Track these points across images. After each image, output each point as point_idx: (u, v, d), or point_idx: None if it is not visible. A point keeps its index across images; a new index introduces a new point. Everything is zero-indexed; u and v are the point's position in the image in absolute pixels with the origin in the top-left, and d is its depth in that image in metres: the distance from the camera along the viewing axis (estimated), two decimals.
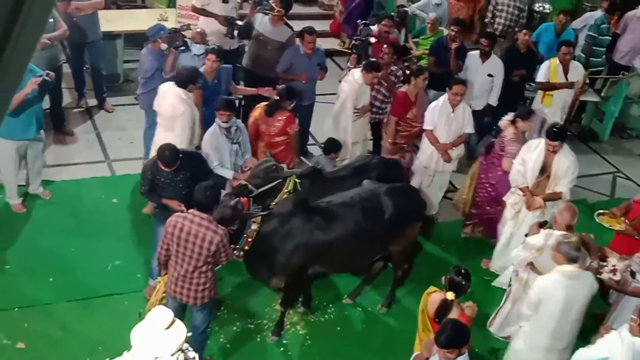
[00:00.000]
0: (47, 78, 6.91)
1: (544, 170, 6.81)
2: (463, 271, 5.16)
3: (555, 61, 8.82)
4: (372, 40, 8.64)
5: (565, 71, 8.82)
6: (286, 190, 6.49)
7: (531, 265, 6.04)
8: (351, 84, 7.86)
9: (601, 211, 6.88)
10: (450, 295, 5.03)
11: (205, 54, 7.57)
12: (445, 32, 9.34)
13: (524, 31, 9.25)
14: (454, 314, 5.00)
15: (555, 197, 6.77)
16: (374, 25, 9.19)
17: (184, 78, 6.93)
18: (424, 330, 5.25)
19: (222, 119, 6.72)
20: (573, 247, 5.31)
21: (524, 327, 5.62)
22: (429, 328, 5.17)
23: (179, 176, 6.13)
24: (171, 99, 6.90)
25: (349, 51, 8.91)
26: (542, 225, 6.11)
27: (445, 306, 5.03)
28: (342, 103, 7.90)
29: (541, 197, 6.80)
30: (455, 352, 4.53)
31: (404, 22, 10.32)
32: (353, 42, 8.71)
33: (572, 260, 5.31)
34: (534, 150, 6.82)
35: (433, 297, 5.18)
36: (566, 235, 5.51)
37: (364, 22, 9.02)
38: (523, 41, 9.15)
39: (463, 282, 5.10)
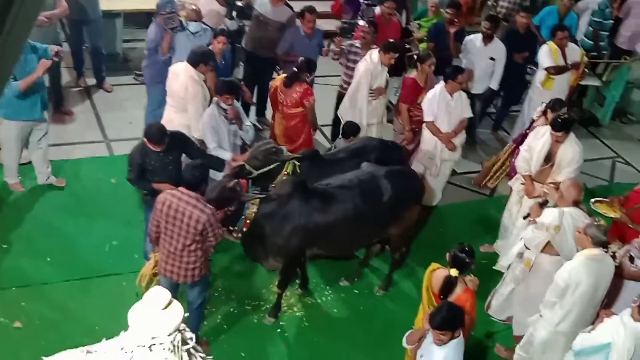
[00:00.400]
0: (55, 58, 6.89)
1: (549, 158, 6.78)
2: (467, 248, 5.16)
3: (554, 45, 8.77)
4: (360, 22, 8.50)
5: (564, 55, 8.78)
6: (285, 173, 6.48)
7: (546, 247, 5.95)
8: (367, 64, 7.78)
9: (598, 199, 6.87)
10: (454, 272, 5.05)
11: (214, 35, 7.52)
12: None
13: (521, 14, 9.19)
14: (458, 290, 5.04)
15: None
16: (376, 6, 9.11)
17: (196, 57, 6.88)
18: (429, 306, 5.25)
19: (228, 102, 6.70)
20: (602, 231, 5.29)
21: (545, 315, 5.53)
22: (434, 304, 5.18)
23: (169, 157, 6.08)
24: (184, 79, 6.87)
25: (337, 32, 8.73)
26: (543, 205, 6.08)
27: (449, 282, 5.06)
28: (358, 84, 7.83)
29: (541, 185, 6.79)
30: (448, 334, 4.54)
31: (405, 4, 10.22)
32: (341, 24, 8.55)
33: (598, 244, 5.29)
34: (540, 138, 6.78)
35: (437, 274, 5.19)
36: (596, 218, 5.50)
37: (367, 2, 8.92)
38: (521, 23, 9.09)
39: (467, 259, 5.11)
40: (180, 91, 6.90)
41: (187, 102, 6.92)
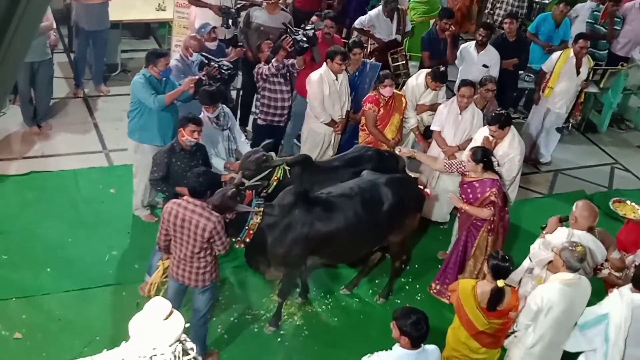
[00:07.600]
0: (203, 78, 7.13)
1: None
2: (504, 256, 5.25)
3: (569, 52, 8.77)
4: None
5: (578, 65, 8.78)
6: (275, 178, 6.43)
7: (549, 264, 5.84)
8: (411, 81, 7.99)
9: (617, 199, 6.80)
10: (501, 283, 5.16)
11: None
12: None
13: (506, 20, 9.21)
14: (507, 298, 5.21)
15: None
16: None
17: (327, 53, 7.49)
18: (481, 325, 5.29)
19: (209, 112, 6.78)
20: (576, 257, 5.15)
21: (519, 336, 5.48)
22: (486, 319, 5.26)
23: (193, 162, 6.12)
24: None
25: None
26: (563, 220, 5.94)
27: (498, 294, 5.18)
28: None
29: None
30: None
31: (392, 14, 9.99)
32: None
33: (571, 269, 5.18)
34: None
35: (480, 289, 5.25)
36: (573, 243, 5.32)
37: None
38: (509, 30, 9.10)
39: (509, 267, 5.21)
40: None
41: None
